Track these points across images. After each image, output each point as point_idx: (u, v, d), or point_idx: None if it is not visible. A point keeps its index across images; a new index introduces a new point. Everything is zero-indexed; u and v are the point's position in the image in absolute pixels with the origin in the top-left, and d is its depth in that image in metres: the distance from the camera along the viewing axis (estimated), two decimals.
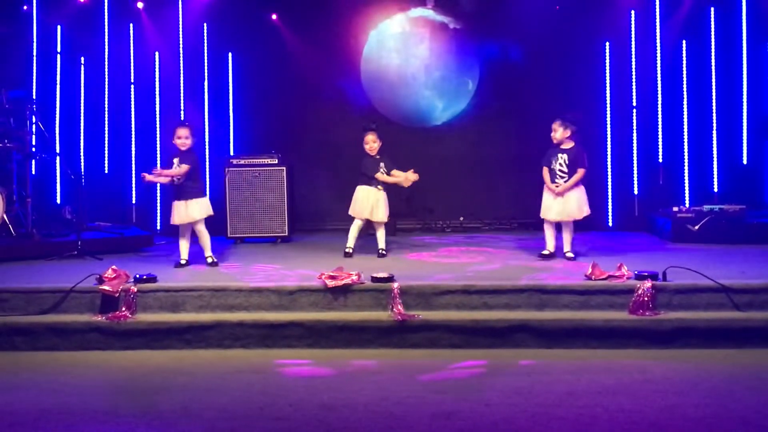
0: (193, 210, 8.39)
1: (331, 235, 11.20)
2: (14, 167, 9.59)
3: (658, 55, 11.65)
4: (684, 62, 11.63)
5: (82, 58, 11.82)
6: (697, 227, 9.93)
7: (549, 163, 8.57)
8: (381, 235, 9.13)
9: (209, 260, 8.47)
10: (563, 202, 8.48)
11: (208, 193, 9.57)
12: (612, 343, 6.48)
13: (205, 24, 12.03)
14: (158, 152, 11.81)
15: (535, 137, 9.21)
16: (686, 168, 11.61)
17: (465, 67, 12.23)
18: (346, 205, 9.33)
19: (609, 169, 11.75)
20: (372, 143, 9.05)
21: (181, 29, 11.94)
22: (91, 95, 11.89)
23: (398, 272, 7.32)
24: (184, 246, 8.46)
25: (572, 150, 8.53)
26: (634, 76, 11.74)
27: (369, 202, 9.00)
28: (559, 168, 8.51)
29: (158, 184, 11.51)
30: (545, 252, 8.57)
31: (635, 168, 11.73)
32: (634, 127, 11.75)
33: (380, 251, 9.03)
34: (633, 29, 11.74)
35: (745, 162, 11.46)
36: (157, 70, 11.92)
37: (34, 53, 11.48)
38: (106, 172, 11.89)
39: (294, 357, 6.41)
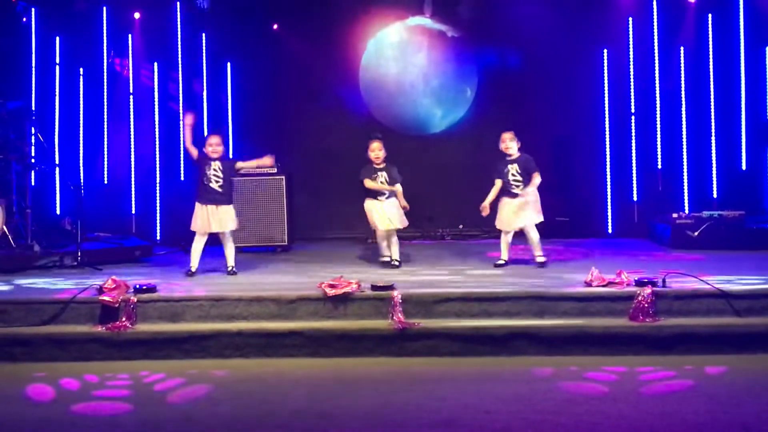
0: (226, 218, 8.48)
1: (331, 243, 11.21)
2: (14, 178, 9.58)
3: (657, 61, 11.67)
4: (682, 69, 11.65)
5: (81, 69, 11.84)
6: (696, 233, 9.94)
7: (503, 175, 8.70)
8: (393, 247, 8.95)
9: (232, 269, 8.51)
10: (523, 209, 8.57)
11: None
12: (612, 350, 6.46)
13: (203, 34, 12.05)
14: (157, 162, 11.83)
15: (533, 145, 9.19)
16: (685, 174, 11.62)
17: (463, 75, 12.25)
18: (345, 213, 9.35)
19: (608, 176, 11.76)
20: (378, 151, 8.92)
21: (179, 39, 11.96)
22: (90, 106, 11.91)
23: (398, 280, 7.32)
24: (198, 254, 8.46)
25: (520, 159, 8.67)
26: (632, 83, 11.75)
27: (373, 215, 8.92)
28: (512, 178, 8.63)
29: (158, 193, 11.55)
30: (501, 261, 8.74)
31: (634, 174, 11.74)
32: (633, 134, 11.76)
33: (392, 261, 8.90)
34: (631, 36, 11.76)
35: (744, 168, 11.47)
36: (155, 80, 11.94)
37: (33, 64, 11.52)
38: (106, 182, 11.89)
39: (294, 366, 6.40)
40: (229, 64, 12.16)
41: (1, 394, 5.85)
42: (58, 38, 11.69)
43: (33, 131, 10.11)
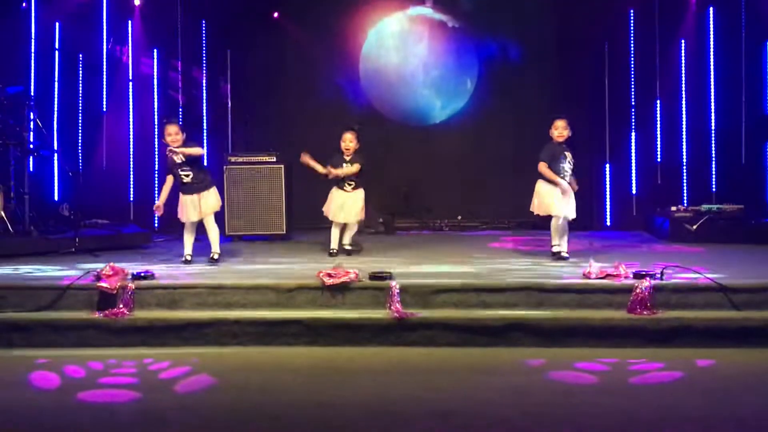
0: (207, 201, 8.34)
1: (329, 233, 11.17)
2: (12, 164, 9.57)
3: (657, 54, 11.65)
4: (683, 62, 11.64)
5: (80, 55, 11.81)
6: (695, 227, 9.94)
7: (555, 159, 8.38)
8: (347, 233, 9.07)
9: (215, 256, 8.42)
10: (568, 201, 8.43)
11: None
12: (610, 342, 6.46)
13: (203, 21, 12.02)
14: (156, 149, 11.82)
15: (533, 136, 9.18)
16: (684, 168, 11.62)
17: (464, 66, 12.24)
18: None
19: (607, 169, 11.76)
20: (348, 142, 8.86)
21: (179, 26, 11.92)
22: (90, 92, 11.88)
23: (396, 270, 7.32)
24: (190, 241, 8.43)
25: (570, 151, 8.50)
26: (632, 76, 11.74)
27: (336, 205, 8.95)
28: (569, 166, 8.41)
29: (156, 180, 11.53)
30: (562, 251, 8.47)
31: (633, 167, 11.75)
32: (633, 127, 11.76)
33: (345, 246, 9.00)
34: (632, 28, 11.74)
35: (743, 162, 11.46)
36: (155, 67, 11.91)
37: (33, 50, 11.48)
38: (104, 169, 11.87)
39: (292, 355, 6.40)
40: (229, 51, 12.13)
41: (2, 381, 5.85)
42: (57, 23, 11.64)
43: (32, 117, 10.09)
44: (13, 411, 5.13)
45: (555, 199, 8.38)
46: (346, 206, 8.92)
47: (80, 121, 11.85)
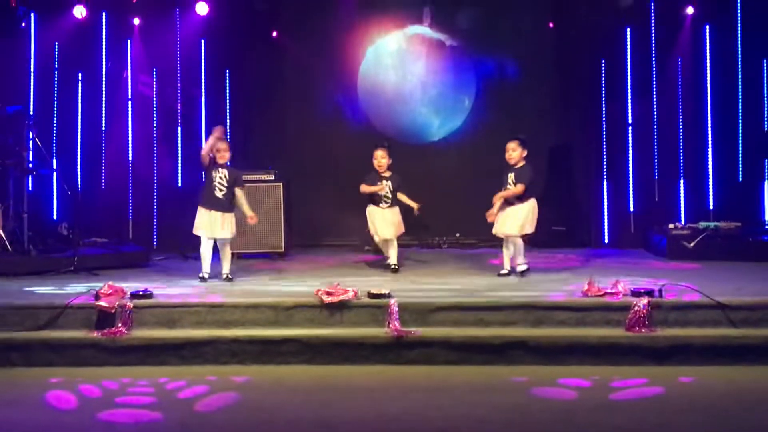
0: (229, 224, 8.50)
1: (329, 251, 11.21)
2: (11, 183, 9.58)
3: (654, 72, 11.69)
4: (679, 79, 11.66)
5: (80, 75, 11.84)
6: (692, 244, 9.95)
7: (503, 182, 8.68)
8: (392, 251, 9.19)
9: (230, 276, 8.51)
10: (503, 217, 8.58)
11: None
12: (608, 360, 6.47)
13: (202, 40, 12.06)
14: (155, 168, 11.83)
15: (530, 154, 9.19)
16: (682, 185, 11.63)
17: (462, 84, 12.27)
18: (343, 221, 9.38)
19: (605, 186, 11.77)
20: (380, 159, 9.16)
21: (178, 46, 11.95)
22: (88, 111, 11.90)
23: (394, 288, 7.32)
24: (207, 259, 8.49)
25: (519, 168, 8.62)
26: (629, 93, 11.77)
27: (374, 221, 9.12)
28: (508, 185, 8.62)
29: (155, 199, 11.55)
30: (503, 271, 8.73)
31: (631, 185, 11.75)
32: (630, 144, 11.77)
33: (392, 266, 9.11)
34: (628, 47, 11.77)
35: (740, 179, 11.48)
36: (154, 86, 11.93)
37: (32, 69, 11.50)
38: (103, 188, 11.88)
39: (290, 373, 6.40)
40: (228, 71, 12.16)
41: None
42: (56, 43, 11.66)
43: (31, 136, 10.10)
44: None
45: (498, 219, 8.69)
46: (385, 222, 9.13)
47: (79, 140, 11.85)
